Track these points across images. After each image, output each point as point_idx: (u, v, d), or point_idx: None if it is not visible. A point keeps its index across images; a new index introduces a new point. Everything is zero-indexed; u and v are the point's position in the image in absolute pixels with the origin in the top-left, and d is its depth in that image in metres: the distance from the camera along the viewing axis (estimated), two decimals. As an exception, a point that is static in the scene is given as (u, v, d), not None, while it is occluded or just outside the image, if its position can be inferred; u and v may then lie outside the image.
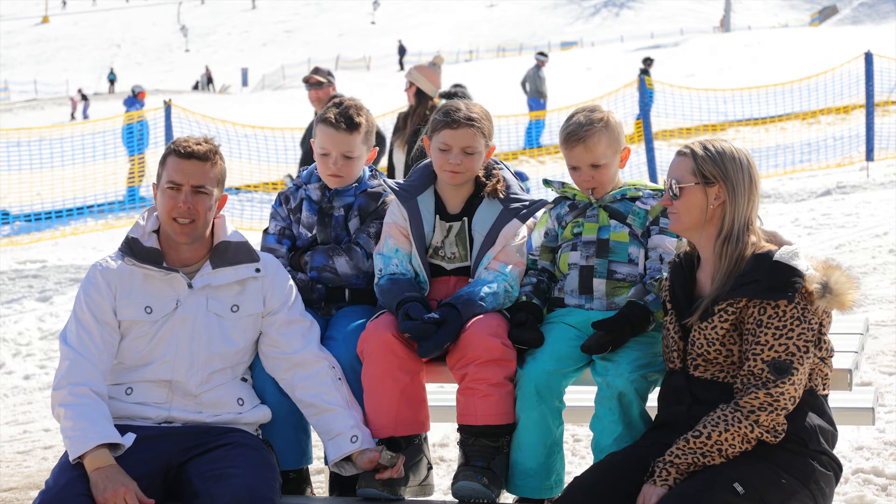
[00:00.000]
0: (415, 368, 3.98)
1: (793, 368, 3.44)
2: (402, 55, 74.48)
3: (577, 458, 5.71)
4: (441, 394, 4.79)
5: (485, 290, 4.00)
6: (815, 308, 3.50)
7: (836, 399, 3.88)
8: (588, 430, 4.05)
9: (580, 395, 4.37)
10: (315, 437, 4.16)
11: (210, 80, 72.52)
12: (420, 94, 8.74)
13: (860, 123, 19.28)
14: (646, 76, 24.40)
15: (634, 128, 19.73)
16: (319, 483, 5.32)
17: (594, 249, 4.05)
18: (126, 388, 3.88)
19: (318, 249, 4.29)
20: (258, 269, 3.98)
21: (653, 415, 3.81)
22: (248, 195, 17.33)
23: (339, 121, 4.24)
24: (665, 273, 3.88)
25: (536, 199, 4.16)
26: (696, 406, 3.59)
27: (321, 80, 9.11)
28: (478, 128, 4.07)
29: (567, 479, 3.88)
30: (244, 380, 4.01)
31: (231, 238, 4.00)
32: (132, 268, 3.90)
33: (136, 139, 17.83)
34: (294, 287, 4.07)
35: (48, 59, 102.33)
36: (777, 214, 13.95)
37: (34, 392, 8.36)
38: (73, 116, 47.77)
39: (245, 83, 76.89)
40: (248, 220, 15.99)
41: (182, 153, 3.88)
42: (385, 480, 3.87)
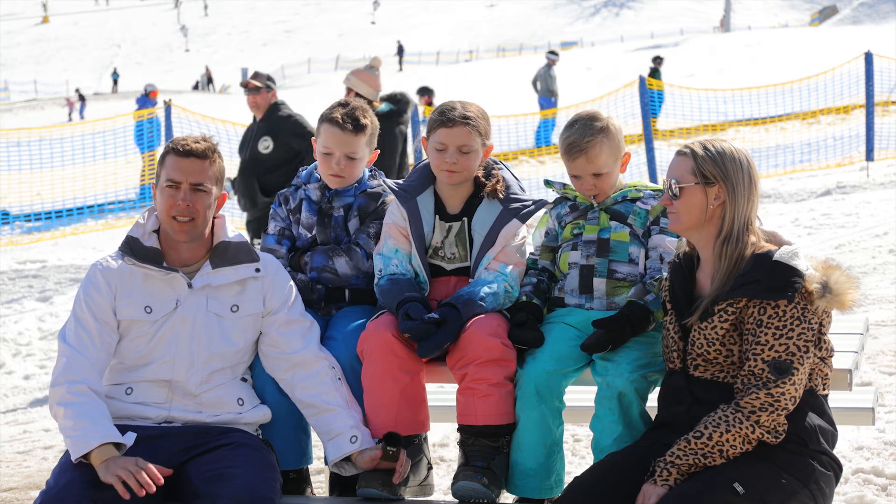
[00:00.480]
0: (415, 368, 3.98)
1: (793, 368, 3.44)
2: (401, 55, 74.11)
3: (577, 458, 5.71)
4: (441, 394, 4.79)
5: (485, 291, 4.00)
6: (815, 308, 3.50)
7: (836, 399, 3.88)
8: (588, 430, 4.05)
9: (580, 395, 4.37)
10: (315, 437, 4.16)
11: (210, 80, 72.47)
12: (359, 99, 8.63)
13: (860, 123, 19.29)
14: (655, 76, 24.50)
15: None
16: (319, 483, 5.32)
17: (595, 249, 4.05)
18: (126, 388, 3.87)
19: (318, 250, 4.28)
20: (258, 269, 3.98)
21: (653, 415, 3.81)
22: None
23: (346, 121, 4.24)
24: (665, 273, 3.88)
25: (536, 199, 4.16)
26: (696, 406, 3.59)
27: (258, 85, 8.93)
28: (473, 126, 4.07)
29: (567, 479, 3.88)
30: (244, 380, 4.01)
31: (231, 238, 4.00)
32: (132, 267, 3.90)
33: (147, 137, 17.84)
34: (294, 287, 4.07)
35: (48, 59, 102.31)
36: (777, 214, 13.95)
37: (34, 392, 8.36)
38: (70, 117, 47.70)
39: (245, 83, 76.76)
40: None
41: (180, 151, 3.88)
42: (385, 480, 3.86)
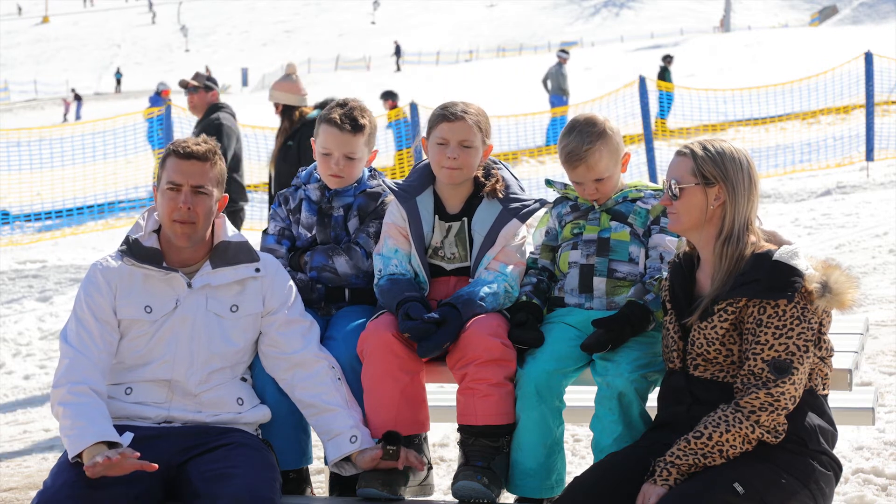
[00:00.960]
0: (415, 368, 3.98)
1: (793, 368, 3.44)
2: (399, 56, 73.55)
3: (577, 458, 5.71)
4: (441, 394, 4.79)
5: (485, 291, 4.00)
6: (815, 308, 3.50)
7: (836, 399, 3.88)
8: (588, 430, 4.05)
9: (580, 395, 4.37)
10: (315, 437, 4.16)
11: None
12: (286, 109, 8.46)
13: (860, 123, 19.30)
14: (664, 74, 24.51)
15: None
16: (319, 483, 5.32)
17: (595, 248, 4.05)
18: (126, 388, 3.88)
19: (318, 249, 4.29)
20: (258, 269, 3.98)
21: (653, 415, 3.81)
22: (248, 195, 17.31)
23: (344, 122, 4.25)
24: (665, 272, 3.88)
25: (536, 199, 4.16)
26: (696, 406, 3.59)
27: (196, 85, 8.85)
28: (474, 121, 4.08)
29: (567, 479, 3.88)
30: (244, 380, 4.01)
31: (231, 238, 4.00)
32: (132, 268, 3.90)
33: (158, 135, 17.82)
34: (294, 287, 4.06)
35: (48, 59, 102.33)
36: (777, 214, 13.95)
37: (34, 392, 8.36)
38: (66, 118, 47.63)
39: (245, 83, 76.85)
40: (248, 220, 15.98)
41: (181, 153, 3.88)
42: (385, 480, 3.87)
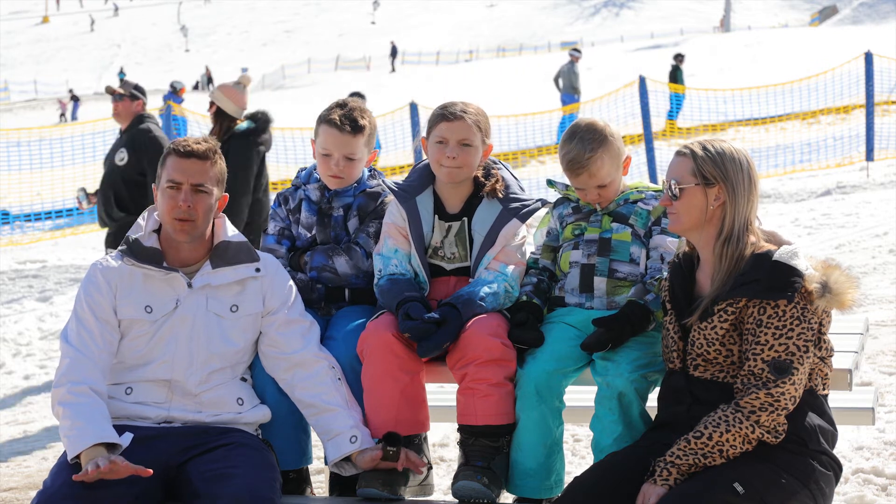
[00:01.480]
0: (415, 368, 3.98)
1: (793, 368, 3.44)
2: (394, 56, 72.71)
3: (577, 458, 5.71)
4: (441, 394, 4.79)
5: (485, 290, 4.00)
6: (815, 308, 3.50)
7: (836, 399, 3.88)
8: (588, 430, 4.05)
9: (580, 395, 4.37)
10: (315, 437, 4.16)
11: (210, 80, 72.42)
12: (221, 114, 8.31)
13: (860, 123, 19.31)
14: (676, 73, 24.53)
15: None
16: (319, 483, 5.32)
17: (596, 248, 4.05)
18: (126, 388, 3.88)
19: (318, 249, 4.29)
20: (258, 269, 3.98)
21: (653, 415, 3.81)
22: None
23: (344, 123, 4.24)
24: (665, 273, 3.88)
25: (536, 199, 4.16)
26: (696, 406, 3.59)
27: (121, 93, 8.67)
28: (474, 120, 4.08)
29: (567, 479, 3.88)
30: (244, 379, 4.01)
31: (231, 238, 4.00)
32: (132, 267, 3.90)
33: (173, 132, 17.80)
34: (294, 287, 4.06)
35: (48, 59, 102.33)
36: (777, 214, 13.95)
37: (34, 392, 8.36)
38: (63, 118, 47.55)
39: (245, 83, 76.73)
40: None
41: (182, 152, 3.88)
42: (385, 480, 3.87)
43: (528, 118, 20.83)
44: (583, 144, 4.00)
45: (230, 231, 4.02)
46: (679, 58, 26.05)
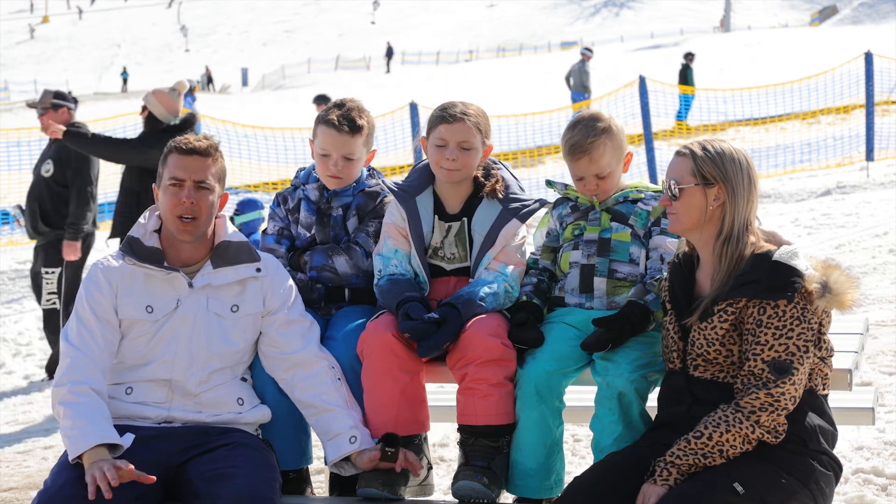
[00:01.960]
0: (415, 368, 3.98)
1: (793, 368, 3.44)
2: (390, 57, 71.70)
3: (577, 458, 5.71)
4: (441, 394, 4.79)
5: (485, 291, 4.00)
6: (815, 308, 3.50)
7: (836, 399, 3.88)
8: (588, 430, 4.05)
9: (580, 395, 4.37)
10: (315, 437, 4.16)
11: (210, 80, 72.44)
12: (152, 119, 8.27)
13: (860, 123, 19.31)
14: (686, 72, 24.57)
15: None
16: (319, 483, 5.32)
17: (596, 248, 4.05)
18: (126, 388, 3.88)
19: (318, 249, 4.29)
20: (259, 269, 3.98)
21: (653, 415, 3.81)
22: (248, 195, 17.30)
23: (342, 123, 4.24)
24: (665, 273, 3.88)
25: (536, 199, 4.16)
26: (696, 406, 3.59)
27: (44, 105, 8.55)
28: (474, 122, 4.08)
29: (567, 479, 3.88)
30: (244, 380, 4.01)
31: (232, 238, 4.00)
32: (133, 267, 3.90)
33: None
34: (294, 287, 4.07)
35: (48, 59, 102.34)
36: (777, 214, 13.95)
37: (34, 392, 8.36)
38: None
39: (245, 83, 76.89)
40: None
41: (184, 149, 3.89)
42: (385, 480, 3.87)
43: (528, 118, 20.82)
44: (586, 130, 4.01)
45: (230, 230, 4.02)
46: (689, 56, 26.02)
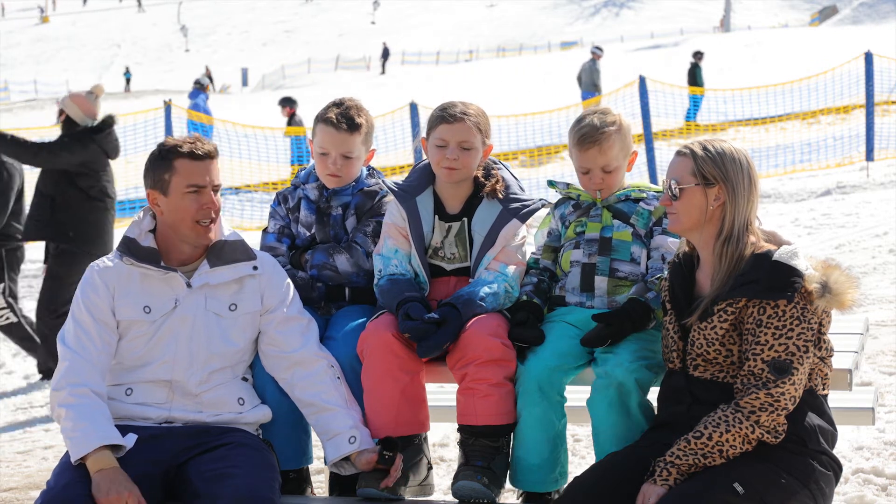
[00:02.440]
0: (415, 368, 3.98)
1: (793, 368, 3.44)
2: (385, 58, 70.94)
3: (577, 458, 5.70)
4: (441, 394, 4.78)
5: (485, 291, 3.99)
6: (815, 308, 3.50)
7: (836, 399, 3.87)
8: (588, 431, 4.05)
9: (582, 395, 4.36)
10: (315, 437, 4.16)
11: (210, 80, 72.36)
12: (69, 123, 8.28)
13: (860, 123, 19.30)
14: (695, 72, 24.60)
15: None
16: (319, 483, 5.32)
17: (597, 247, 4.05)
18: (126, 389, 3.87)
19: (319, 248, 4.29)
20: (255, 267, 3.98)
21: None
22: (248, 195, 17.35)
23: (341, 121, 4.24)
24: (666, 272, 3.88)
25: (536, 199, 4.16)
26: (696, 406, 3.59)
27: None
28: (474, 122, 4.07)
29: (568, 479, 3.88)
30: (244, 379, 4.01)
31: (227, 237, 4.00)
32: (130, 268, 3.90)
33: (202, 132, 17.85)
34: (291, 285, 4.06)
35: (48, 59, 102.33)
36: (777, 214, 13.95)
37: (34, 392, 8.36)
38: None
39: (245, 83, 76.87)
40: (248, 220, 16.01)
41: (200, 155, 3.88)
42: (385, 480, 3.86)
43: (528, 118, 20.83)
44: (598, 121, 4.03)
45: (226, 229, 4.03)
46: (698, 55, 26.05)
